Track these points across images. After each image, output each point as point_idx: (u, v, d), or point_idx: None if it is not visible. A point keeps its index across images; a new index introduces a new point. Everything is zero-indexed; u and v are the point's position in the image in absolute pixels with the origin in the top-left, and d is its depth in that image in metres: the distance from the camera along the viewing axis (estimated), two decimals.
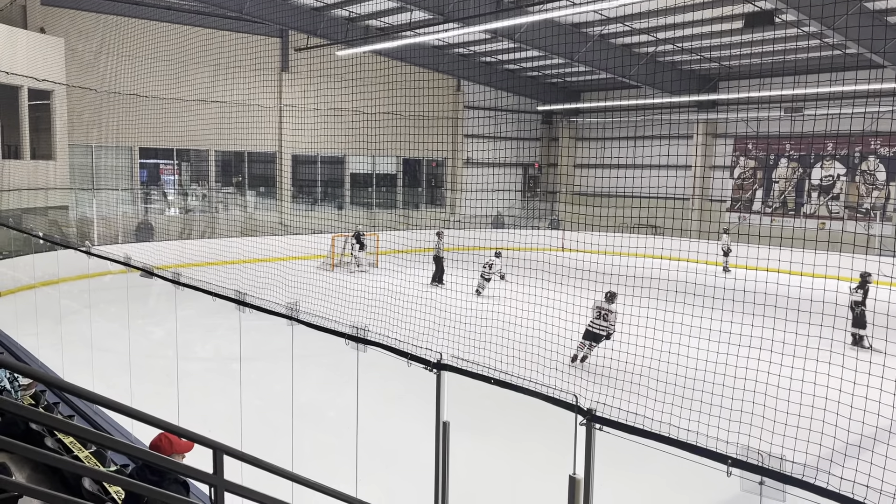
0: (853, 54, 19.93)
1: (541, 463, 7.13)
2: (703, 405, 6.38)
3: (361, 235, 22.45)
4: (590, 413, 3.88)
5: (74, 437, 5.78)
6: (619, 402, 4.50)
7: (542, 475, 6.95)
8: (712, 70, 25.62)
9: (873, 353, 9.74)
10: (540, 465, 7.30)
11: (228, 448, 4.13)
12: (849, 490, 2.95)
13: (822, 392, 6.58)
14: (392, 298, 12.09)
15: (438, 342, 8.78)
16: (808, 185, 24.94)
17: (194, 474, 4.06)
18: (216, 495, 4.07)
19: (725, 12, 18.83)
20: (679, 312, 8.48)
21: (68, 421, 4.93)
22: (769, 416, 6.07)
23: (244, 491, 4.25)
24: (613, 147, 29.24)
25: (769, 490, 3.16)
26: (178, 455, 4.55)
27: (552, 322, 9.81)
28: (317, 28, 22.73)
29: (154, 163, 25.26)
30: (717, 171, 27.48)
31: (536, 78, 30.12)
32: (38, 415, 3.71)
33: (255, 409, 9.09)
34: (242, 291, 6.76)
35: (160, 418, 4.14)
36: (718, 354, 7.49)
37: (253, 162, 26.72)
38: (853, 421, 6.01)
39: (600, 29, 21.94)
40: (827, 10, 16.03)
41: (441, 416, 4.83)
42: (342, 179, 28.59)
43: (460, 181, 30.37)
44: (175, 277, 7.47)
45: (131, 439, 7.38)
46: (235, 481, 4.68)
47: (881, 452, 5.37)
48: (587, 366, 11.27)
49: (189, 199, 25.83)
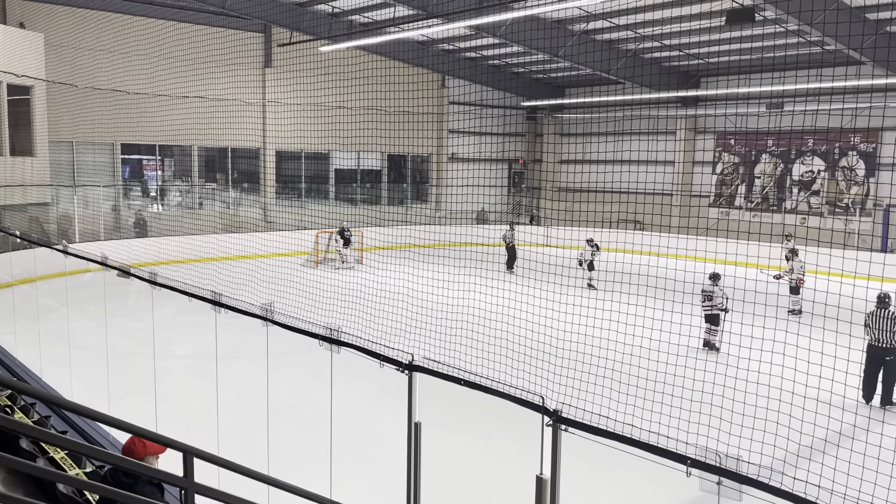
0: (833, 51, 20.11)
1: (511, 462, 7.19)
2: (662, 406, 6.47)
3: (346, 231, 22.43)
4: (556, 414, 3.93)
5: (49, 443, 5.77)
6: (585, 403, 4.56)
7: (512, 475, 7.02)
8: (694, 66, 25.77)
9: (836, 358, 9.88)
10: (510, 464, 7.37)
11: (199, 451, 4.14)
12: (801, 490, 3.02)
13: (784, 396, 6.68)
14: (373, 297, 12.13)
15: (414, 342, 8.84)
16: (789, 181, 25.16)
17: (164, 477, 4.07)
18: (186, 498, 4.09)
19: (707, 9, 18.94)
20: (658, 308, 8.56)
21: (40, 428, 4.93)
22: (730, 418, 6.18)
23: (215, 493, 4.27)
24: (597, 143, 29.35)
25: (727, 490, 3.22)
26: (151, 457, 4.57)
27: (529, 320, 9.89)
28: (300, 23, 22.64)
29: (137, 159, 25.11)
30: (699, 167, 27.68)
31: (520, 74, 30.17)
32: (10, 422, 3.71)
33: (233, 408, 9.10)
34: (218, 292, 6.76)
35: (129, 422, 4.16)
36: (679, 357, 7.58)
37: (237, 158, 26.62)
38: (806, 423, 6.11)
39: (583, 25, 22.00)
40: (807, 7, 16.18)
41: (413, 417, 4.87)
42: (326, 175, 28.53)
43: (445, 177, 30.39)
44: (151, 277, 7.45)
45: (110, 438, 7.39)
46: (210, 483, 4.70)
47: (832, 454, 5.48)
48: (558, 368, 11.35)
49: (172, 196, 25.71)
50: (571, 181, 29.37)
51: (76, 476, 5.32)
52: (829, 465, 4.62)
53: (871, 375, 9.70)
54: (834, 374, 6.27)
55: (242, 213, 25.44)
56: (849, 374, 6.74)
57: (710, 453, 3.27)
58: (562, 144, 31.97)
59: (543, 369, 8.64)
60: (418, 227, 25.08)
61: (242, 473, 4.46)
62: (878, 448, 5.55)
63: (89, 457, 4.89)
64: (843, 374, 6.50)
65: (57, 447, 5.80)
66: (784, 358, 6.69)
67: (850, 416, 6.73)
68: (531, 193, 32.55)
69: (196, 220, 23.61)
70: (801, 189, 24.85)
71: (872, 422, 7.72)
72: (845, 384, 6.48)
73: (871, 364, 9.72)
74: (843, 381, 6.64)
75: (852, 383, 6.66)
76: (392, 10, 21.46)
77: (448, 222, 27.69)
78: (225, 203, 26.21)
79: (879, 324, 9.64)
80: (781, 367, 6.62)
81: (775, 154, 25.60)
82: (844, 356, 6.57)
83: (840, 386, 6.34)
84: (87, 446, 3.92)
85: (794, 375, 6.42)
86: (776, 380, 6.90)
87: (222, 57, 21.88)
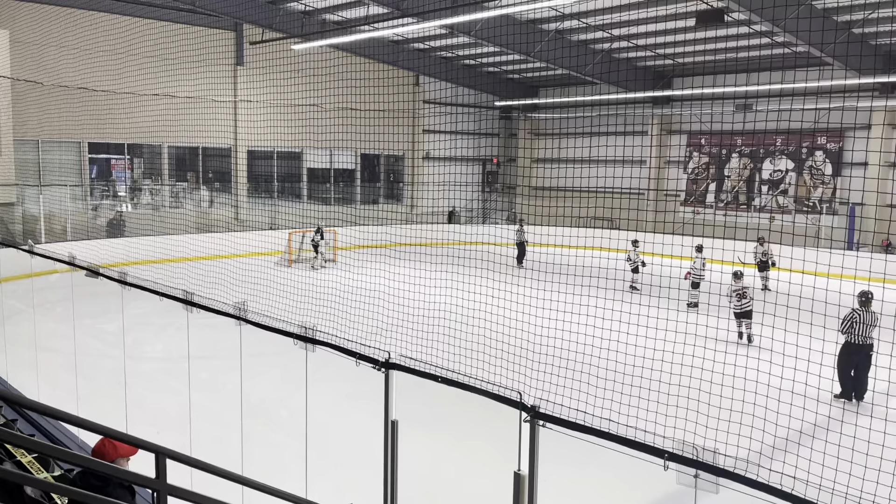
0: (801, 52, 20.45)
1: (489, 459, 7.19)
2: (640, 401, 6.51)
3: (322, 230, 22.31)
4: (533, 410, 3.92)
5: (15, 445, 5.63)
6: (563, 398, 4.56)
7: (490, 471, 7.02)
8: (666, 67, 26.04)
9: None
10: (488, 461, 7.37)
11: (171, 452, 4.08)
12: (777, 482, 3.04)
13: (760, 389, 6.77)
14: (348, 296, 12.06)
15: (391, 339, 8.80)
16: (759, 180, 25.53)
17: (136, 479, 4.00)
18: (159, 500, 4.02)
19: (678, 10, 19.14)
20: (628, 302, 8.63)
21: (5, 430, 4.80)
22: (708, 411, 6.24)
23: (188, 495, 4.20)
24: (571, 143, 29.52)
25: (703, 483, 3.23)
26: (122, 459, 4.49)
27: (507, 316, 9.90)
28: (272, 21, 22.45)
29: (105, 158, 24.69)
30: (671, 166, 27.97)
31: (494, 73, 30.23)
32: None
33: (207, 409, 8.98)
34: (190, 291, 6.66)
35: (100, 423, 4.07)
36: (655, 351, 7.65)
37: (208, 157, 26.31)
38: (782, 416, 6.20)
39: (556, 25, 22.11)
40: (776, 10, 16.43)
41: (390, 415, 4.84)
42: (299, 174, 28.32)
43: (419, 176, 30.35)
44: (121, 277, 7.32)
45: (78, 441, 7.24)
46: (183, 485, 4.62)
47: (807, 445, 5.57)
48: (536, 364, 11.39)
49: (142, 195, 25.34)
50: (545, 180, 29.49)
51: (45, 479, 5.19)
52: (804, 456, 4.68)
53: (847, 374, 9.65)
54: (808, 367, 6.36)
55: (214, 213, 25.14)
56: (823, 367, 6.84)
57: (688, 446, 3.29)
58: (536, 144, 32.11)
59: (521, 365, 8.65)
60: (393, 225, 25.05)
61: (216, 474, 4.40)
62: (853, 439, 5.64)
63: (58, 459, 4.78)
64: (818, 366, 6.61)
65: (24, 450, 5.67)
66: (760, 351, 6.77)
67: (825, 407, 6.85)
68: (505, 193, 32.64)
69: (167, 219, 23.30)
70: (770, 188, 25.23)
71: (847, 413, 7.85)
72: (820, 376, 6.58)
73: (847, 363, 9.67)
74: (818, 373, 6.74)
75: (826, 375, 6.76)
76: (365, 9, 21.38)
77: (422, 221, 27.66)
78: (196, 202, 25.89)
79: (861, 327, 9.62)
80: (757, 359, 6.70)
81: (745, 153, 25.97)
82: (818, 349, 6.66)
83: (814, 378, 6.43)
84: (56, 448, 3.83)
85: (769, 368, 6.50)
86: (752, 373, 6.98)
87: (193, 55, 21.60)
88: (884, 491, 4.74)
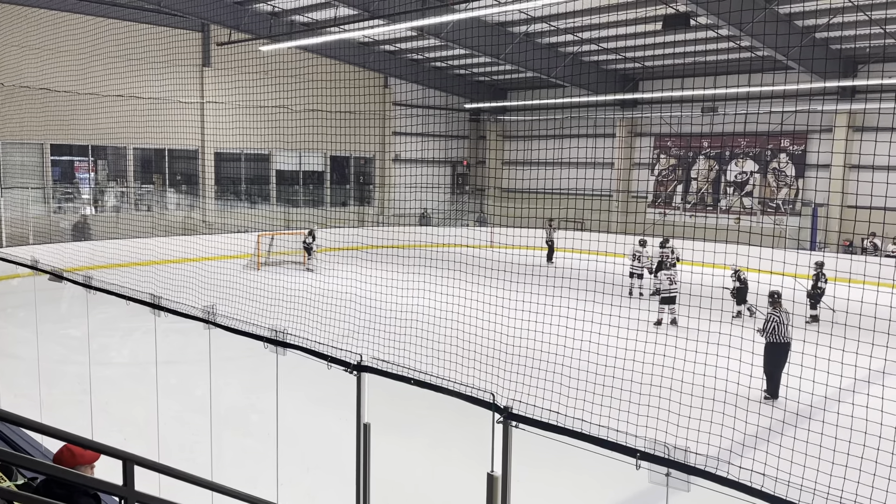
0: (764, 56, 20.82)
1: (462, 461, 7.19)
2: (612, 401, 6.58)
3: (314, 233, 22.19)
4: (506, 411, 3.93)
5: None
6: (536, 399, 4.57)
7: (464, 473, 7.02)
8: (633, 70, 26.33)
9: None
10: (461, 462, 7.37)
11: (138, 458, 4.01)
12: (747, 479, 3.08)
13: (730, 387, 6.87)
14: (319, 299, 11.97)
15: (363, 342, 8.76)
16: (724, 182, 25.94)
17: (103, 487, 3.92)
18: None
19: (644, 13, 19.36)
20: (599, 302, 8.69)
21: None
22: (679, 410, 6.30)
23: (156, 502, 4.13)
24: (540, 145, 29.70)
25: (675, 481, 3.26)
26: (85, 466, 4.39)
27: (480, 318, 9.91)
28: (239, 22, 22.23)
29: (68, 160, 24.21)
30: (638, 169, 28.28)
31: (464, 76, 30.29)
32: None
33: (176, 415, 8.85)
34: (157, 295, 6.55)
35: (64, 430, 3.98)
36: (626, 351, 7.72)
37: (174, 159, 25.93)
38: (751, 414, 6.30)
39: (525, 28, 22.23)
40: (740, 14, 16.72)
41: (362, 418, 4.81)
42: (267, 177, 28.07)
43: (389, 178, 30.27)
44: (86, 280, 7.18)
45: (41, 449, 7.07)
46: (152, 492, 4.54)
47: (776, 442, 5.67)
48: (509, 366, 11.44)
49: (107, 197, 24.88)
50: (515, 181, 29.62)
51: (7, 488, 5.06)
52: (773, 453, 4.76)
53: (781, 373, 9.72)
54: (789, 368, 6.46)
55: (181, 216, 24.79)
56: (791, 365, 6.97)
57: (659, 445, 3.32)
58: (505, 146, 32.24)
59: (494, 366, 8.67)
60: (364, 227, 24.96)
61: (185, 480, 4.33)
62: (820, 436, 5.75)
63: (20, 467, 4.66)
64: (787, 364, 6.73)
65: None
66: (729, 350, 6.86)
67: (793, 405, 6.97)
68: (475, 195, 32.70)
69: (133, 222, 22.92)
70: (735, 189, 25.65)
71: (815, 410, 8.00)
72: (788, 374, 6.71)
73: (771, 361, 9.78)
74: (787, 371, 6.87)
75: (794, 373, 6.89)
76: (334, 11, 21.26)
77: (393, 223, 27.60)
78: (163, 205, 25.50)
79: (782, 327, 9.82)
80: (727, 358, 6.78)
81: (711, 156, 26.36)
82: None
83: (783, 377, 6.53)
84: (18, 455, 3.74)
85: (739, 367, 6.60)
86: (722, 371, 7.06)
87: (158, 55, 21.29)
88: (851, 486, 4.83)
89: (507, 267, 10.85)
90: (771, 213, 24.49)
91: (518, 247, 11.98)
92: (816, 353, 6.81)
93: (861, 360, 6.14)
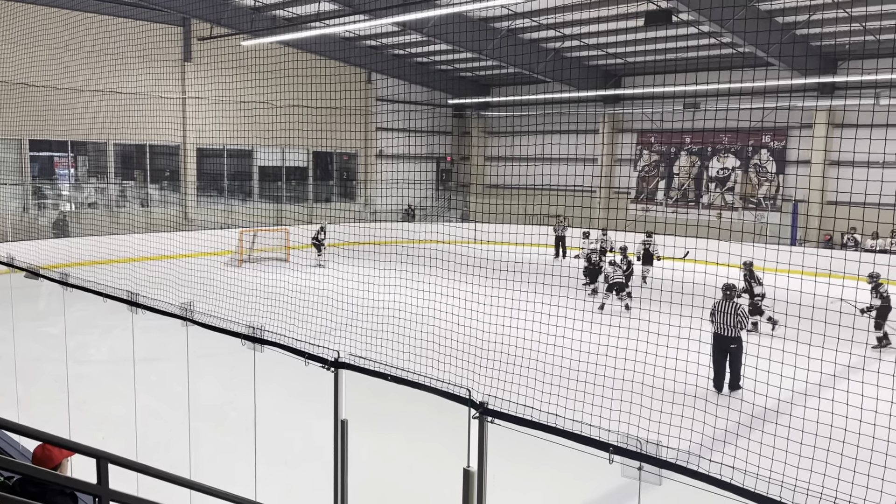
0: (746, 53, 20.97)
1: (439, 456, 7.21)
2: (585, 395, 6.62)
3: (325, 229, 22.14)
4: (482, 406, 3.95)
5: None
6: (511, 395, 4.59)
7: (440, 468, 7.04)
8: (616, 66, 26.42)
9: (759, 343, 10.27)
10: (438, 458, 7.39)
11: (113, 456, 3.98)
12: (717, 472, 3.12)
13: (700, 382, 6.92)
14: (299, 296, 11.94)
15: (340, 339, 8.75)
16: (706, 177, 26.12)
17: (77, 485, 3.90)
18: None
19: (627, 10, 19.43)
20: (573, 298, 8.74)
21: None
22: (650, 404, 6.34)
23: (132, 500, 4.11)
24: (523, 141, 29.74)
25: (647, 475, 3.29)
26: (64, 462, 4.37)
27: (456, 314, 9.94)
28: (220, 17, 22.06)
29: (48, 156, 23.94)
30: (621, 164, 28.41)
31: (447, 71, 30.25)
32: None
33: (154, 413, 8.81)
34: (135, 292, 6.51)
35: (40, 430, 3.96)
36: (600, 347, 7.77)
37: (155, 155, 25.71)
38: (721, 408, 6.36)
39: (508, 24, 22.24)
40: (722, 11, 16.83)
41: (339, 415, 4.81)
42: (250, 173, 27.91)
43: (373, 174, 30.21)
44: (63, 278, 7.12)
45: (19, 448, 7.01)
46: (130, 490, 4.52)
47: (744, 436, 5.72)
48: (486, 361, 11.48)
49: (87, 194, 24.64)
50: (498, 178, 29.66)
51: None
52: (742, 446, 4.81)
53: (719, 364, 9.96)
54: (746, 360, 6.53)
55: (162, 212, 24.60)
56: (760, 359, 7.04)
57: (632, 439, 3.35)
58: (489, 142, 32.27)
59: (471, 362, 8.69)
60: (347, 224, 24.91)
61: (160, 478, 4.31)
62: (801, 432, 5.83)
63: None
64: (755, 359, 6.81)
65: None
66: (700, 345, 6.93)
67: (762, 399, 7.04)
68: (459, 191, 32.71)
69: (113, 219, 22.72)
70: (717, 185, 25.83)
71: (783, 404, 8.09)
72: (757, 369, 6.76)
73: (718, 353, 9.98)
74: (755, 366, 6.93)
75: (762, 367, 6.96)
76: (316, 6, 21.15)
77: (377, 219, 27.56)
78: (143, 202, 25.29)
79: (723, 315, 9.99)
80: (698, 353, 6.85)
81: (693, 151, 26.53)
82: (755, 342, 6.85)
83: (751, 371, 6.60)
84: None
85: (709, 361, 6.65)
86: (693, 366, 7.14)
87: (138, 50, 21.08)
88: (815, 478, 4.89)
89: (486, 263, 10.87)
90: (752, 208, 24.68)
91: (501, 242, 11.99)
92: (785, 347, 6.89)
93: (829, 355, 6.22)
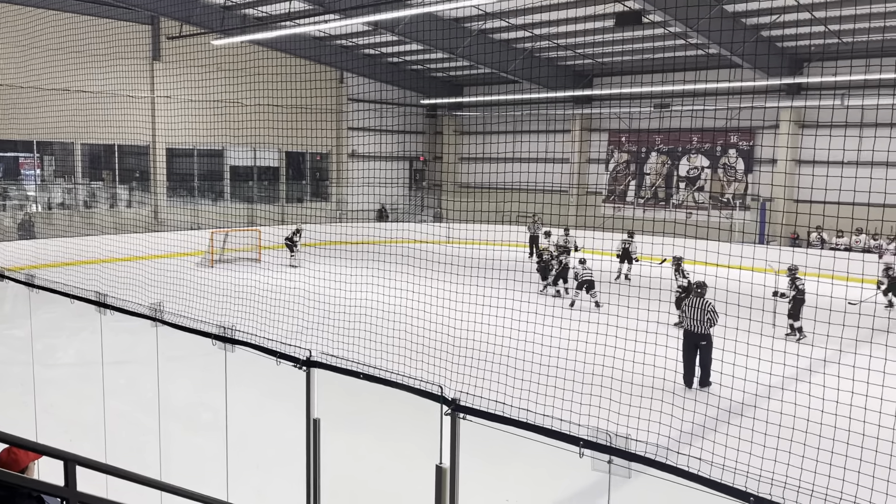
0: (714, 54, 21.26)
1: (412, 454, 7.21)
2: (556, 391, 6.67)
3: (301, 231, 21.96)
4: (454, 403, 3.96)
5: None
6: (483, 391, 4.61)
7: (413, 466, 7.04)
8: (587, 66, 26.62)
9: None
10: (411, 455, 7.39)
11: (80, 458, 3.93)
12: (685, 464, 3.17)
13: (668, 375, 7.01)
14: (270, 296, 11.87)
15: (312, 338, 8.71)
16: (677, 177, 26.43)
17: (43, 488, 3.84)
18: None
19: (598, 11, 19.60)
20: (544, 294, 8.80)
21: None
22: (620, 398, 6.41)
23: (100, 503, 4.06)
24: (495, 140, 29.84)
25: (617, 469, 3.34)
26: (31, 464, 4.30)
27: (427, 311, 9.96)
28: (189, 16, 21.80)
29: (13, 156, 23.49)
30: (593, 164, 28.62)
31: (420, 71, 30.24)
32: None
33: (124, 415, 8.68)
34: (103, 293, 6.42)
35: (7, 433, 3.89)
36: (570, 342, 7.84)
37: (124, 155, 25.35)
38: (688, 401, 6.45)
39: (480, 24, 22.30)
40: (690, 12, 17.04)
41: (311, 414, 4.79)
42: (221, 173, 27.64)
43: (345, 174, 30.09)
44: (28, 279, 6.99)
45: None
46: (100, 493, 4.46)
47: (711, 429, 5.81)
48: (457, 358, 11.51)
49: (53, 195, 24.20)
50: (471, 177, 29.73)
51: None
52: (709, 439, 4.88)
53: (689, 361, 10.06)
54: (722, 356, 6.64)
55: (132, 213, 24.26)
56: (737, 355, 7.16)
57: (602, 433, 3.38)
58: (461, 142, 32.31)
59: (442, 359, 8.71)
60: (319, 224, 24.77)
61: (129, 479, 4.26)
62: (766, 423, 5.93)
63: None
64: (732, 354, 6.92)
65: None
66: (668, 339, 7.02)
67: (739, 394, 7.17)
68: (432, 191, 32.72)
69: (80, 220, 22.36)
70: (687, 185, 26.15)
71: (759, 398, 8.23)
72: (734, 364, 6.86)
73: (687, 350, 10.08)
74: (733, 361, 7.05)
75: (728, 360, 7.08)
76: (288, 5, 21.01)
77: (350, 219, 27.46)
78: (112, 202, 24.92)
79: (694, 312, 10.09)
80: (665, 347, 6.94)
81: (663, 151, 26.83)
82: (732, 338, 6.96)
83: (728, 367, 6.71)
84: None
85: (677, 355, 6.74)
86: (661, 360, 7.24)
87: (106, 49, 20.75)
88: (781, 469, 4.99)
89: (458, 261, 10.90)
90: (721, 207, 25.02)
91: (475, 242, 12.03)
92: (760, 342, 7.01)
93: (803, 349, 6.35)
